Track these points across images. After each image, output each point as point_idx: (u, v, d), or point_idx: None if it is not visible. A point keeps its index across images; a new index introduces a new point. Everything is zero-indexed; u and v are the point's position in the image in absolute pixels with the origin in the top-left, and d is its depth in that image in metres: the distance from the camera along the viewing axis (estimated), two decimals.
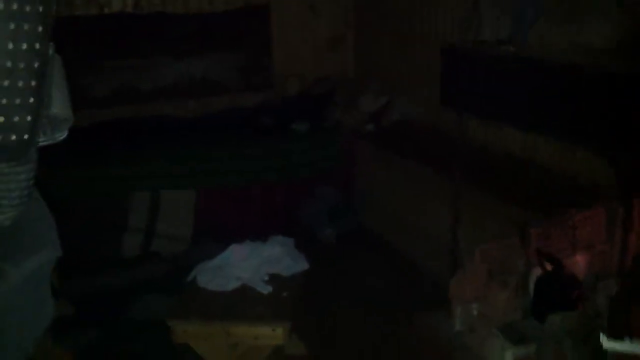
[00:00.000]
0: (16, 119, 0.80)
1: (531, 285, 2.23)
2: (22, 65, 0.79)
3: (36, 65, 0.81)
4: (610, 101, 2.28)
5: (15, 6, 0.76)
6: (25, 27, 0.78)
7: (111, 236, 3.93)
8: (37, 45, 0.81)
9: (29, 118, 0.82)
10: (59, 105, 0.95)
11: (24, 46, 0.79)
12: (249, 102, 5.01)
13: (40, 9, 0.80)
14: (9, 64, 0.78)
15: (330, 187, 4.39)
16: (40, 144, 0.93)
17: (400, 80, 4.61)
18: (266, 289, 2.60)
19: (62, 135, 0.98)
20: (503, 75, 2.62)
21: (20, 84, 0.80)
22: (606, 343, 1.74)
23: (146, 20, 4.64)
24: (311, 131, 4.47)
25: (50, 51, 0.89)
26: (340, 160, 4.39)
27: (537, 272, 2.23)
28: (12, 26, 0.77)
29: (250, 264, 2.69)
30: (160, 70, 4.78)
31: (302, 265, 2.79)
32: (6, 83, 0.78)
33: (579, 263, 2.36)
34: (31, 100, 0.82)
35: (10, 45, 0.78)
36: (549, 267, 2.16)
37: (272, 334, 2.45)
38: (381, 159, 4.13)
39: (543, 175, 3.18)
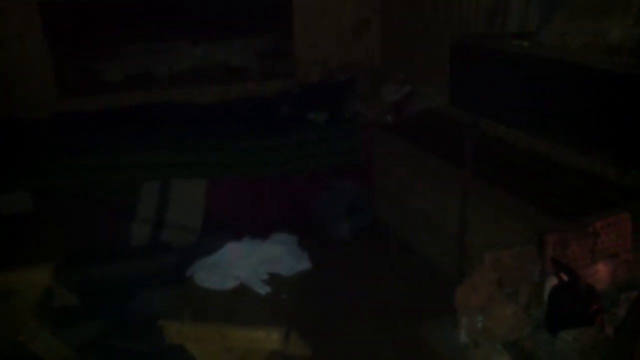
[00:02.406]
0: None
1: (545, 297, 2.06)
2: None
3: None
4: (623, 104, 2.06)
5: None
6: None
7: (119, 226, 3.86)
8: None
9: None
10: None
11: None
12: (269, 90, 4.89)
13: None
14: None
15: (347, 180, 4.23)
16: None
17: (424, 69, 4.43)
18: (264, 290, 2.47)
19: None
20: (514, 74, 2.39)
21: None
22: None
23: (164, 2, 4.54)
24: (330, 122, 4.31)
25: None
26: (359, 152, 4.22)
27: (552, 282, 2.05)
28: None
29: (248, 262, 2.57)
30: (177, 55, 4.69)
31: (304, 264, 2.65)
32: None
33: (600, 273, 2.17)
34: None
35: None
36: (564, 277, 1.97)
37: (267, 338, 2.32)
38: (398, 152, 3.95)
39: (568, 176, 2.98)
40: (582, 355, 1.77)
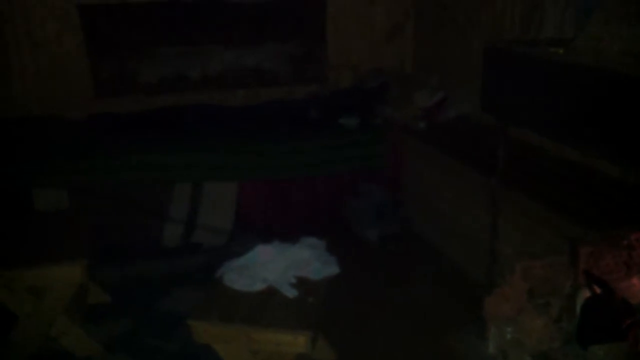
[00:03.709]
0: None
1: (578, 310, 2.02)
2: None
3: None
4: None
5: None
6: None
7: (152, 225, 3.92)
8: None
9: None
10: None
11: None
12: (300, 94, 4.90)
13: None
14: None
15: (377, 185, 4.22)
16: None
17: (457, 75, 4.40)
18: (292, 293, 2.48)
19: None
20: (548, 80, 2.35)
21: None
22: None
23: (199, 7, 4.60)
24: (360, 126, 4.31)
25: None
26: (386, 158, 4.21)
27: (585, 295, 2.01)
28: None
29: (276, 265, 2.57)
30: (210, 58, 4.74)
31: (333, 269, 2.64)
32: None
33: (634, 287, 2.12)
34: None
35: None
36: (597, 290, 1.94)
37: (294, 341, 2.33)
38: (429, 158, 3.93)
39: (602, 186, 2.92)
40: None
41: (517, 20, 3.65)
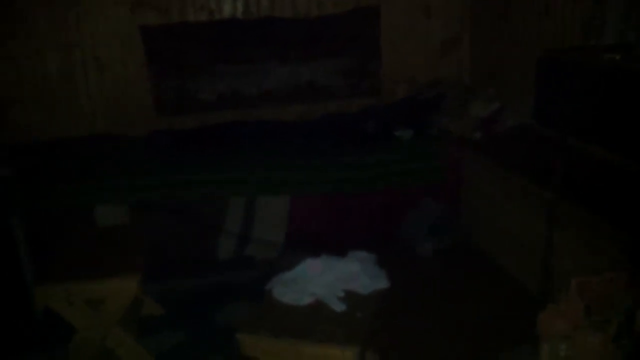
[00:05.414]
0: None
1: (638, 328, 1.91)
2: None
3: None
4: None
5: None
6: None
7: (206, 239, 3.98)
8: None
9: None
10: None
11: None
12: (356, 108, 4.90)
13: None
14: None
15: (432, 199, 4.14)
16: None
17: (516, 85, 4.29)
18: (340, 307, 2.45)
19: None
20: (603, 88, 2.23)
21: None
22: None
23: (255, 25, 4.68)
24: (415, 139, 4.26)
25: None
26: (445, 171, 4.12)
27: None
28: None
29: (325, 279, 2.55)
30: (266, 74, 4.81)
31: (382, 283, 2.59)
32: None
33: None
34: None
35: None
36: None
37: (341, 357, 2.29)
38: (486, 169, 3.83)
39: None
40: None
41: (577, 28, 3.53)
